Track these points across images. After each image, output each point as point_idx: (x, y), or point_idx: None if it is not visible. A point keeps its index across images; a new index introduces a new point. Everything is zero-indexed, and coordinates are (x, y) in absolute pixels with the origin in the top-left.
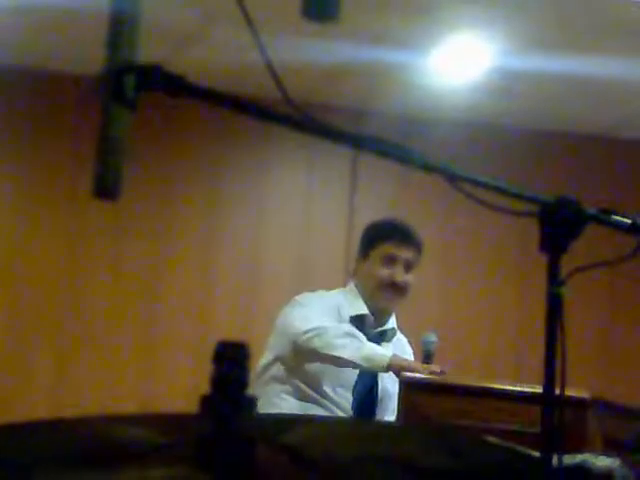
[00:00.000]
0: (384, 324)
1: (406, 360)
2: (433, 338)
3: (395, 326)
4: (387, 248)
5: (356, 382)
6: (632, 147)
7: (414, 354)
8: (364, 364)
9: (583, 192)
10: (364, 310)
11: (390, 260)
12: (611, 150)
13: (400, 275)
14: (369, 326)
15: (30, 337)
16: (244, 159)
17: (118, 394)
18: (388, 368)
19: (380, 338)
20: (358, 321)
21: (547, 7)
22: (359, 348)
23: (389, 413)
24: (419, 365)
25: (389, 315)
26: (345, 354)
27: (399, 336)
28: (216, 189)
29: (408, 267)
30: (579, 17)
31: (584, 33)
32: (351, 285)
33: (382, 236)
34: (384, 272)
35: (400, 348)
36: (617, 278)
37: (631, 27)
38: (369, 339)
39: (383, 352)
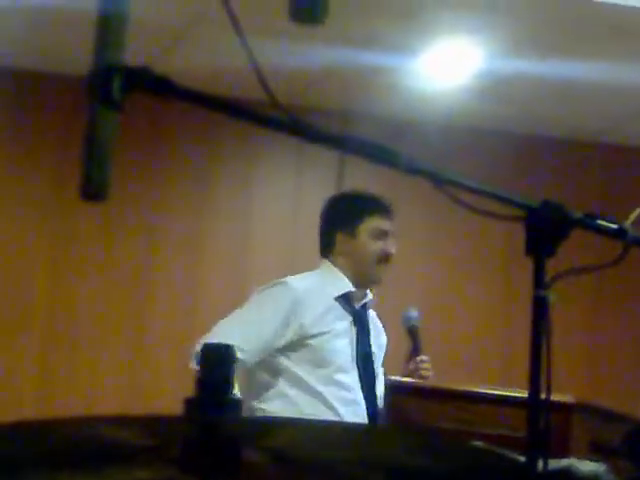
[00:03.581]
0: (366, 296)
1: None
2: (414, 313)
3: (371, 296)
4: (377, 222)
5: (357, 365)
6: (618, 152)
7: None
8: None
9: (569, 196)
10: (349, 287)
11: (382, 234)
12: (597, 155)
13: (393, 247)
14: (354, 301)
15: (16, 337)
16: (232, 160)
17: (105, 394)
18: None
19: (364, 310)
20: (344, 300)
21: (535, 11)
22: None
23: (379, 393)
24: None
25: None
26: None
27: (377, 322)
28: (204, 189)
29: (393, 238)
30: (566, 21)
31: (571, 38)
32: (327, 265)
33: (367, 211)
34: (377, 246)
35: (375, 324)
36: (602, 283)
37: (618, 31)
38: (357, 313)
39: None
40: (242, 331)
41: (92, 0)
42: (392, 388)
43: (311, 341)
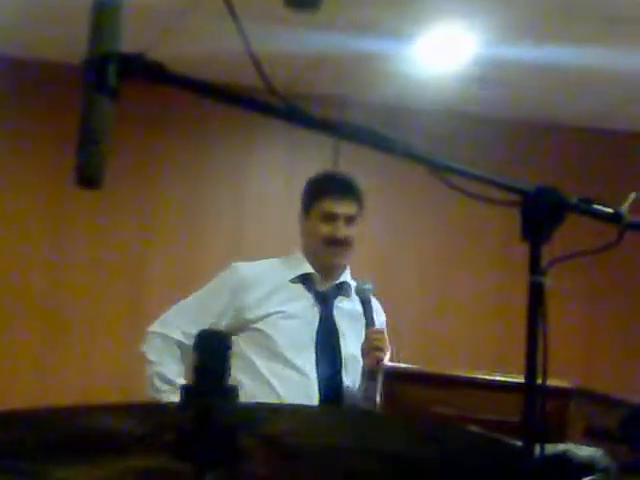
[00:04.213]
0: (336, 280)
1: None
2: (368, 285)
3: (349, 280)
4: (326, 205)
5: (316, 345)
6: (616, 138)
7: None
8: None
9: (566, 182)
10: (307, 269)
11: (330, 217)
12: (594, 140)
13: (341, 230)
14: (318, 284)
15: (11, 321)
16: (226, 146)
17: (101, 379)
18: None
19: (336, 293)
20: (303, 280)
21: None
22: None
23: (355, 377)
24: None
25: (340, 270)
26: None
27: (374, 300)
28: (198, 173)
29: (349, 221)
30: (563, 7)
31: (568, 23)
32: (295, 248)
33: (320, 193)
34: (325, 229)
35: (377, 309)
36: (598, 268)
37: (615, 17)
38: (321, 295)
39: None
40: (188, 315)
41: None
42: (388, 374)
43: (256, 324)
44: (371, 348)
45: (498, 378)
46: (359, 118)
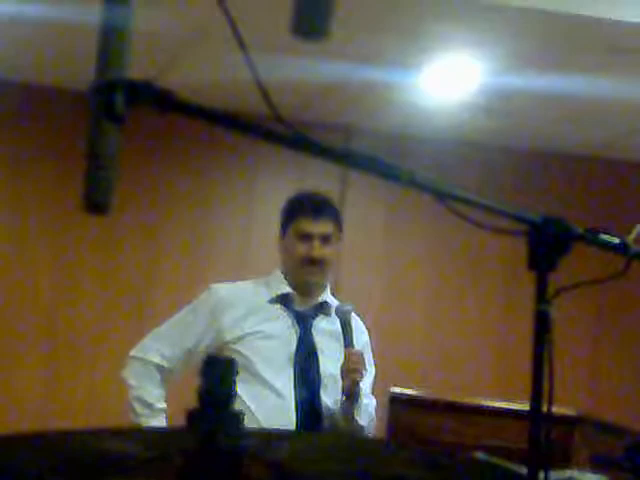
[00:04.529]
0: (316, 299)
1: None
2: (348, 306)
3: (329, 300)
4: (301, 225)
5: (294, 365)
6: (620, 167)
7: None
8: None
9: (571, 212)
10: (285, 289)
11: (305, 236)
12: (599, 170)
13: (316, 250)
14: (297, 304)
15: (18, 348)
16: (233, 174)
17: (107, 405)
18: None
19: (316, 312)
20: (282, 300)
21: (536, 27)
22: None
23: (335, 396)
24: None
25: (320, 290)
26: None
27: (356, 319)
28: (205, 202)
29: (324, 241)
30: (567, 37)
31: (572, 53)
32: (276, 271)
33: (295, 213)
34: (300, 248)
35: (359, 329)
36: (605, 297)
37: (619, 47)
38: (300, 315)
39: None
40: (167, 339)
41: (95, 14)
42: (396, 400)
43: (234, 345)
44: (349, 370)
45: (503, 405)
46: (366, 146)
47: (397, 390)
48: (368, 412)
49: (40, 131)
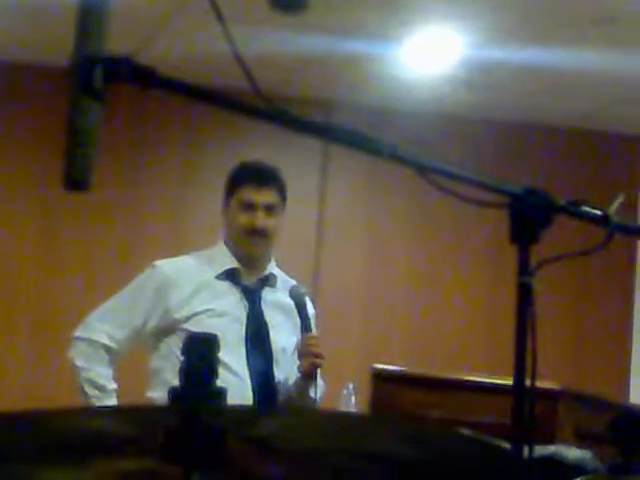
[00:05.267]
0: (262, 272)
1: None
2: (303, 289)
3: (274, 272)
4: (244, 194)
5: (246, 342)
6: (601, 138)
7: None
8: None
9: (553, 184)
10: (233, 264)
11: (248, 206)
12: (581, 142)
13: (260, 220)
14: (244, 278)
15: (2, 327)
16: (214, 150)
17: None
18: None
19: (262, 285)
20: (229, 275)
21: (516, 0)
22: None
23: (288, 370)
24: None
25: (265, 262)
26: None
27: (308, 300)
28: (187, 179)
29: (269, 210)
30: (548, 10)
31: (553, 26)
32: (219, 243)
33: (239, 182)
34: (243, 218)
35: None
36: (586, 269)
37: (600, 19)
38: (248, 290)
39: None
40: (113, 318)
41: None
42: (379, 377)
43: (184, 324)
44: (308, 353)
45: (488, 380)
46: (346, 120)
47: (380, 366)
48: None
49: (20, 109)
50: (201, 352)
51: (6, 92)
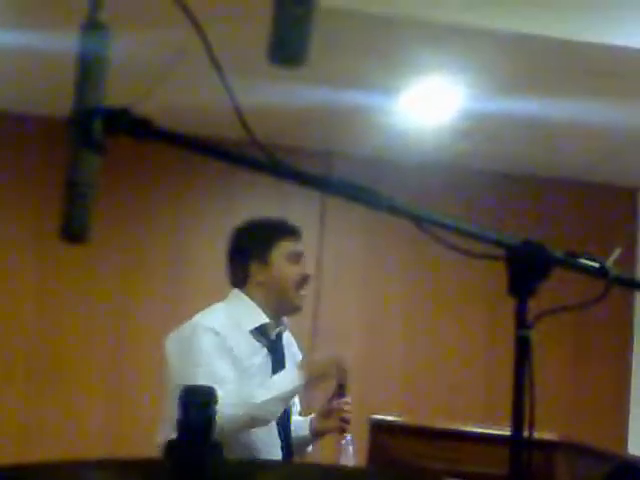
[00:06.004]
0: (280, 325)
1: (309, 364)
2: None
3: (285, 319)
4: (288, 245)
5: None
6: (598, 191)
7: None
8: (282, 405)
9: (550, 235)
10: (264, 319)
11: (296, 256)
12: (577, 194)
13: (309, 268)
14: (270, 332)
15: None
16: (212, 200)
17: (87, 432)
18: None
19: (279, 339)
20: (259, 332)
21: (515, 51)
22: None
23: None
24: (317, 361)
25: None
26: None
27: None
28: (185, 228)
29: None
30: (546, 62)
31: (551, 78)
32: (237, 295)
33: (278, 235)
34: (295, 270)
35: (289, 345)
36: (584, 321)
37: (598, 71)
38: (273, 345)
39: (287, 381)
40: (221, 386)
41: (73, 42)
42: (377, 427)
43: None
44: (340, 419)
45: (485, 431)
46: (346, 171)
47: (378, 417)
48: None
49: (18, 159)
50: (198, 403)
51: (3, 142)
